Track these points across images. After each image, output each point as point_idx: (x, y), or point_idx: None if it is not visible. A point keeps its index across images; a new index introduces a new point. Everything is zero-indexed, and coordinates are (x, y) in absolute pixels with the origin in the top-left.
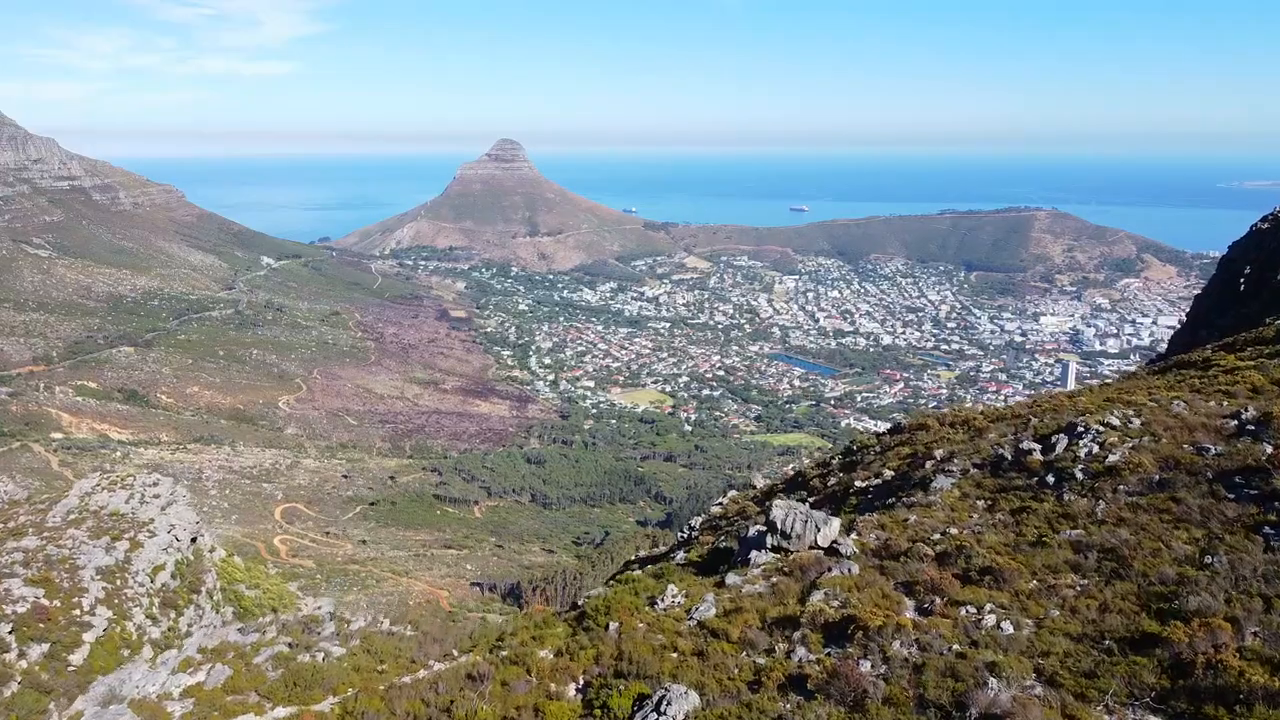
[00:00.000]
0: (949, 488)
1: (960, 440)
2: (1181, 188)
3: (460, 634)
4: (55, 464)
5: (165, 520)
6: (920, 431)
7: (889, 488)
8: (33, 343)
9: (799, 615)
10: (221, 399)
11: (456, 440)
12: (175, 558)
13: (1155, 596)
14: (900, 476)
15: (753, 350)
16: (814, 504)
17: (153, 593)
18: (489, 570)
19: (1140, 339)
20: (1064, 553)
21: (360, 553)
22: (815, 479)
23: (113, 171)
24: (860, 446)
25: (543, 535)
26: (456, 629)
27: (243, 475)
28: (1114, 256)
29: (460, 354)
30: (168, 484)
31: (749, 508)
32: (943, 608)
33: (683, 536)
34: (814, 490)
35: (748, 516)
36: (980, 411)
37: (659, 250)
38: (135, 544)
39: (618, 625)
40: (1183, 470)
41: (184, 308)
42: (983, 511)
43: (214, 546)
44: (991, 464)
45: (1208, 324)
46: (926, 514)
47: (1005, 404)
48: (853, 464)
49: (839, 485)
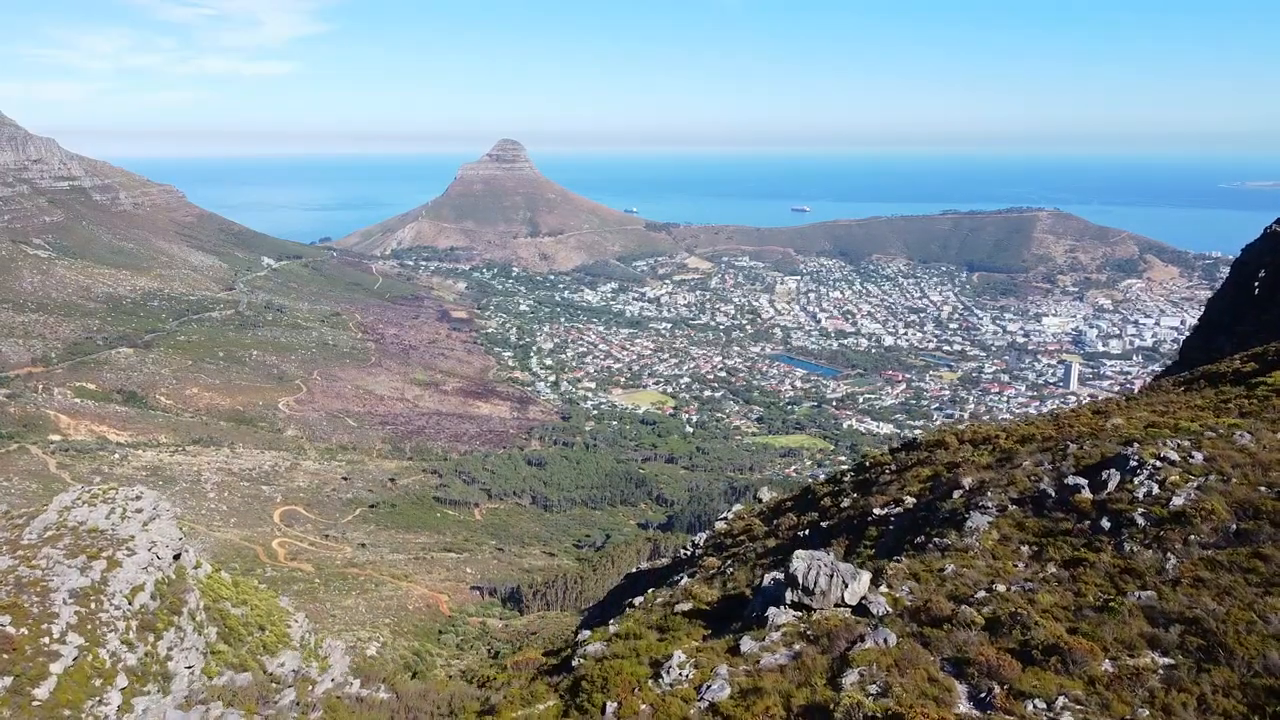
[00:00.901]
0: (985, 527)
1: (985, 462)
2: (1183, 188)
3: (439, 700)
4: (53, 466)
5: (146, 537)
6: (939, 449)
7: (913, 518)
8: (31, 344)
9: (831, 708)
10: (221, 400)
11: (457, 442)
12: (155, 577)
13: (1266, 692)
14: (925, 506)
15: (754, 351)
16: (828, 530)
17: (130, 615)
18: (489, 573)
19: (1143, 340)
20: (1138, 623)
21: (359, 556)
22: (826, 497)
23: (113, 172)
24: (873, 463)
25: (543, 538)
26: (434, 696)
27: (241, 477)
28: (1116, 257)
29: (461, 355)
30: (151, 497)
31: (756, 526)
32: (1004, 699)
33: (686, 554)
34: (825, 512)
35: (755, 538)
36: (1002, 429)
37: (660, 251)
38: (113, 563)
39: (616, 707)
40: (1265, 520)
41: (184, 308)
42: (1029, 560)
43: (199, 562)
44: (1032, 500)
45: (1225, 330)
46: (964, 561)
47: (1022, 415)
48: (867, 484)
49: (854, 509)
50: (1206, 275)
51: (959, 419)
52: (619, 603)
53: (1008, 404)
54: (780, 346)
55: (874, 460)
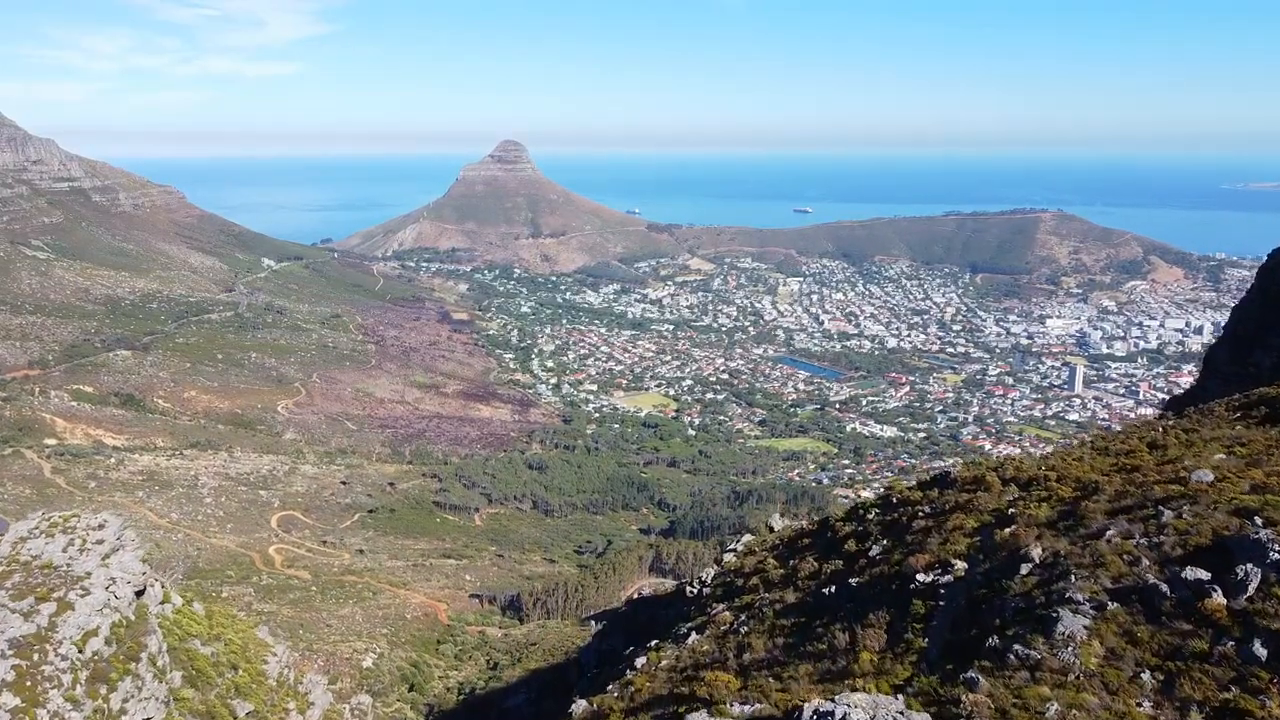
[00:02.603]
0: (1084, 635)
1: (1044, 517)
2: (1186, 189)
3: None
4: (48, 471)
5: (105, 573)
6: (980, 491)
7: (969, 594)
8: (28, 346)
9: None
10: (219, 403)
11: (457, 445)
12: (111, 619)
13: None
14: (983, 578)
15: (757, 353)
16: (858, 590)
17: (80, 665)
18: (489, 581)
19: (1148, 342)
20: None
21: (357, 563)
22: (850, 539)
23: (113, 172)
24: (901, 499)
25: (544, 544)
26: None
27: (239, 482)
28: (1120, 258)
29: (462, 357)
30: (115, 526)
31: (769, 566)
32: None
33: (693, 592)
34: (852, 561)
35: (770, 583)
36: (1049, 467)
37: (662, 252)
38: (64, 605)
39: None
40: None
41: (183, 310)
42: (1156, 695)
43: (167, 595)
44: (1139, 597)
45: (1263, 344)
46: (1068, 693)
47: (1063, 446)
48: (897, 528)
49: (887, 565)
50: (1211, 277)
51: (963, 421)
52: (621, 629)
53: (1012, 407)
54: (783, 348)
55: (901, 496)
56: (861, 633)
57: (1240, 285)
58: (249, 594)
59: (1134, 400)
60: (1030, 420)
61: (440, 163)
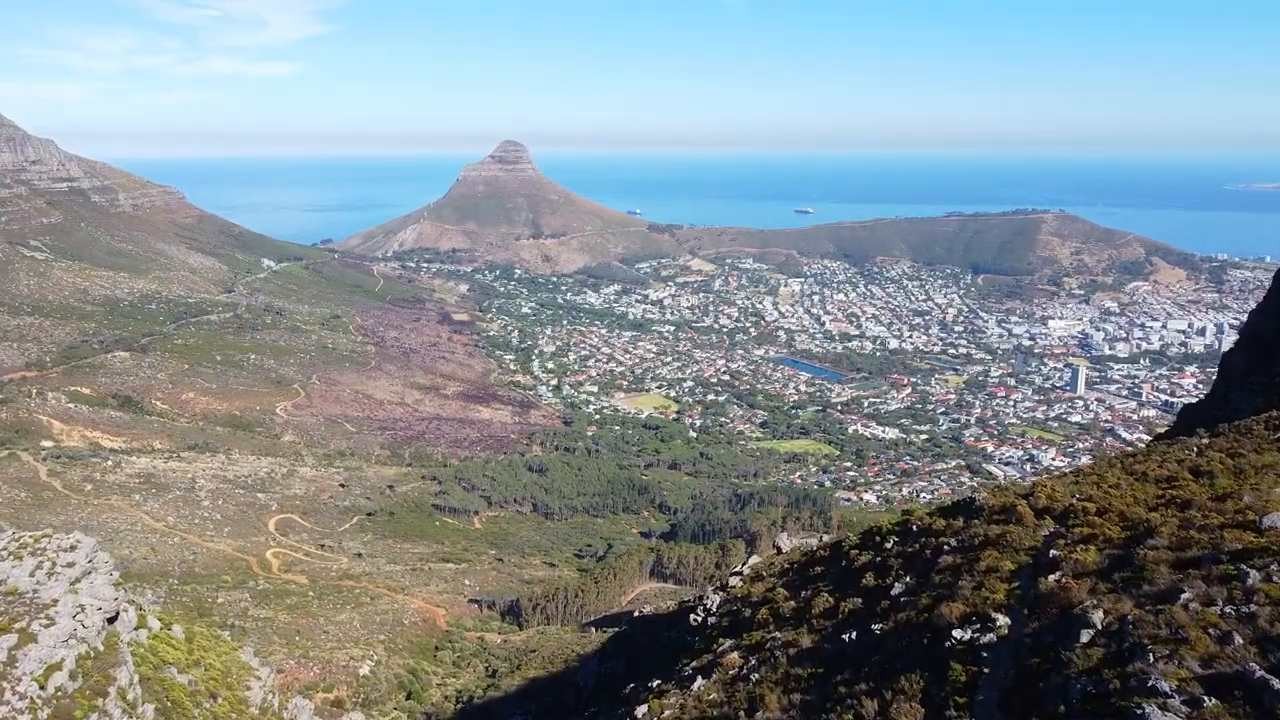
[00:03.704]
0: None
1: (1093, 563)
2: (1188, 189)
3: None
4: (44, 474)
5: (73, 600)
6: (1011, 524)
7: (1017, 659)
8: (26, 347)
9: None
10: (218, 405)
11: (457, 447)
12: (78, 651)
13: None
14: (1034, 640)
15: (758, 354)
16: (883, 640)
17: (41, 703)
18: (488, 586)
19: (1150, 343)
20: None
21: (355, 567)
22: (867, 571)
23: (112, 173)
24: (922, 528)
25: (544, 548)
26: None
27: (237, 485)
28: (1122, 259)
29: (462, 358)
30: (88, 547)
31: (779, 597)
32: None
33: (698, 620)
34: (873, 600)
35: (780, 617)
36: (1086, 497)
37: (663, 252)
38: (26, 636)
39: None
40: None
41: (182, 311)
42: None
43: (142, 620)
44: (1242, 690)
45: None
46: None
47: (1094, 475)
48: (919, 560)
49: (913, 608)
50: (1213, 278)
51: (965, 423)
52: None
53: (1014, 408)
54: (784, 349)
55: (922, 524)
56: (892, 701)
57: (1243, 286)
58: (245, 599)
59: (1136, 402)
60: (1033, 422)
61: (441, 163)
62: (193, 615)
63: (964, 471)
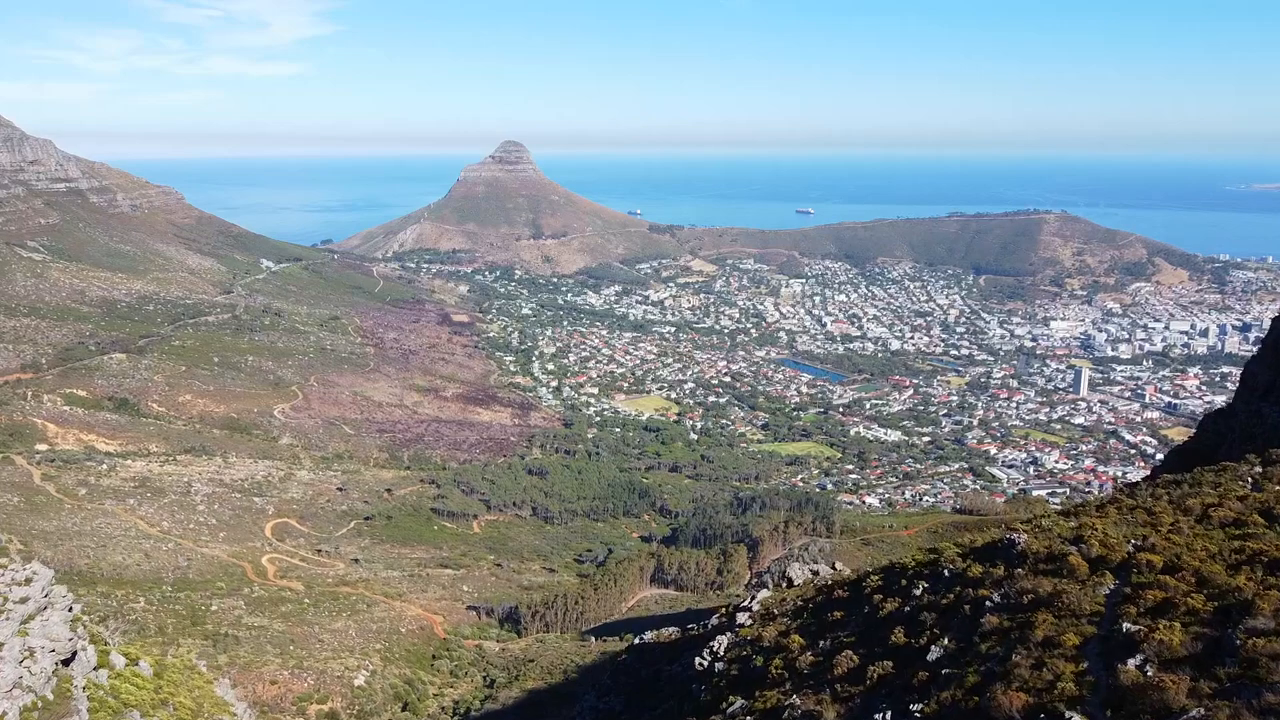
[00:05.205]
0: None
1: (1177, 642)
2: (1189, 190)
3: None
4: (38, 478)
5: (21, 642)
6: (1063, 578)
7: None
8: (21, 349)
9: None
10: (215, 407)
11: (456, 450)
12: (23, 701)
13: None
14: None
15: (759, 355)
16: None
17: None
18: (486, 592)
19: (1153, 344)
20: None
21: (352, 573)
22: (894, 624)
23: (111, 173)
24: (955, 573)
25: (543, 552)
26: None
27: (233, 488)
28: (1124, 260)
29: (462, 360)
30: (44, 580)
31: (793, 645)
32: None
33: (703, 664)
34: (898, 657)
35: (798, 673)
36: (1143, 541)
37: (664, 253)
38: None
39: None
40: None
41: (179, 312)
42: None
43: (103, 659)
44: None
45: None
46: None
47: (1140, 515)
48: (957, 617)
49: (959, 685)
50: (1216, 278)
51: (968, 425)
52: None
53: (1016, 410)
54: (785, 351)
55: (955, 567)
56: None
57: (1245, 287)
58: (239, 607)
59: (1139, 404)
60: (1035, 424)
61: (441, 163)
62: (185, 624)
63: (967, 474)
